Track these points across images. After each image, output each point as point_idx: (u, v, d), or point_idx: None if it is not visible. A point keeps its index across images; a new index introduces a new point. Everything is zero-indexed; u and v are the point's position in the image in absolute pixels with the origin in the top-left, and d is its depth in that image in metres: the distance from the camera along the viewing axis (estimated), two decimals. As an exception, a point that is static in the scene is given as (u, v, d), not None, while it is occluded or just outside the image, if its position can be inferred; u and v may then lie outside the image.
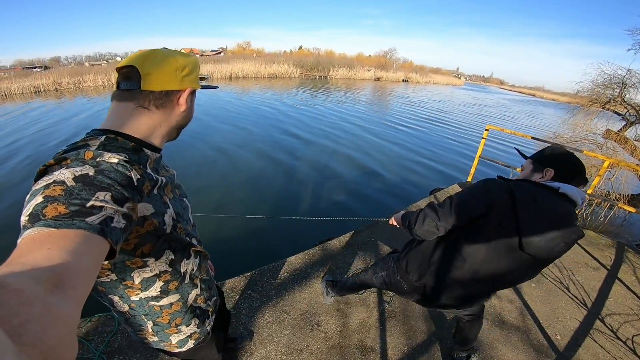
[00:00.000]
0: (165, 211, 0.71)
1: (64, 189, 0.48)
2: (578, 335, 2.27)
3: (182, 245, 0.78)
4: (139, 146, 0.69)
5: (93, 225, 0.46)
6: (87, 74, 22.71)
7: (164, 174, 0.80)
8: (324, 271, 2.60)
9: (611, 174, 7.22)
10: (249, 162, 7.08)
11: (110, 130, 0.67)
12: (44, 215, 0.44)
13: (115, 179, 0.55)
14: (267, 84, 26.84)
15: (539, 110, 34.32)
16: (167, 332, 0.85)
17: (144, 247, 0.67)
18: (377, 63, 56.66)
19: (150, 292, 0.75)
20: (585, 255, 3.35)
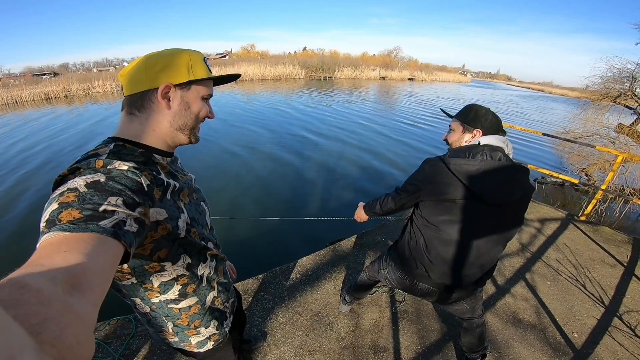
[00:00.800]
0: (179, 216, 0.72)
1: (77, 195, 0.50)
2: (596, 333, 2.22)
3: (197, 249, 0.79)
4: (147, 152, 0.70)
5: (106, 228, 0.47)
6: (96, 80, 23.21)
7: (181, 178, 0.80)
8: (335, 272, 2.60)
9: (625, 169, 7.07)
10: (260, 164, 7.11)
11: (119, 138, 0.69)
12: (59, 220, 0.46)
13: (125, 184, 0.56)
14: (273, 86, 26.99)
15: (549, 105, 33.79)
16: (187, 334, 0.87)
17: (160, 252, 0.69)
18: (382, 62, 56.58)
19: (168, 295, 0.77)
20: (601, 252, 3.29)
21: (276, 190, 5.84)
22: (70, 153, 7.94)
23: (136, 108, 0.71)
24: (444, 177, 1.21)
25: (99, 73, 30.69)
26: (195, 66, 0.73)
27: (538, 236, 3.50)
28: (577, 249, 3.31)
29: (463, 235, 1.23)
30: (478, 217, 1.21)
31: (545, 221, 3.86)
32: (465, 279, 1.33)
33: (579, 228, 3.77)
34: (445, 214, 1.24)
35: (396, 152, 8.77)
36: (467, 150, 1.22)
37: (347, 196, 5.74)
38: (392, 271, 1.53)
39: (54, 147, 8.55)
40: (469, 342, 1.72)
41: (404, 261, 1.43)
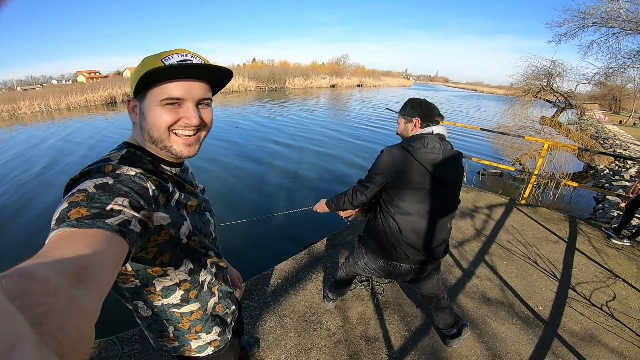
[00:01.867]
0: (182, 223, 0.74)
1: (86, 195, 0.52)
2: (557, 304, 2.48)
3: (198, 255, 0.81)
4: (154, 161, 0.72)
5: (112, 225, 0.49)
6: (22, 99, 20.78)
7: (188, 189, 0.81)
8: (314, 272, 2.67)
9: (552, 156, 8.03)
10: (223, 175, 7.00)
11: (132, 144, 0.72)
12: (68, 218, 0.48)
13: (132, 187, 0.59)
14: (223, 99, 26.37)
15: (483, 103, 37.17)
16: (187, 337, 0.88)
17: (164, 256, 0.71)
18: (332, 70, 57.91)
19: (170, 300, 0.79)
20: (544, 231, 3.71)
21: (242, 196, 5.79)
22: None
23: (132, 119, 0.74)
24: (410, 164, 1.39)
25: (24, 92, 27.61)
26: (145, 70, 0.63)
27: (488, 221, 3.87)
28: (523, 230, 3.70)
29: (430, 215, 1.44)
30: (439, 197, 1.44)
31: (493, 207, 4.27)
32: (436, 252, 1.53)
33: (521, 211, 4.21)
34: (413, 199, 1.43)
35: (355, 154, 9.10)
36: (422, 138, 1.42)
37: (310, 196, 5.87)
38: (373, 261, 1.64)
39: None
40: (444, 320, 1.88)
41: (383, 249, 1.56)
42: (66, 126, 14.46)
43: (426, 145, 1.40)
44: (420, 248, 1.49)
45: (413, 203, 1.43)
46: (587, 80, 11.34)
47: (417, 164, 1.37)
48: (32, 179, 7.34)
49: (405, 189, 1.42)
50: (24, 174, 7.71)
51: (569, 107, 12.75)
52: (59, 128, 14.10)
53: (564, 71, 11.60)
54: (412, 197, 1.42)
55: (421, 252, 1.50)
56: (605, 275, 2.91)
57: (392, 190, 1.45)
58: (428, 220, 1.45)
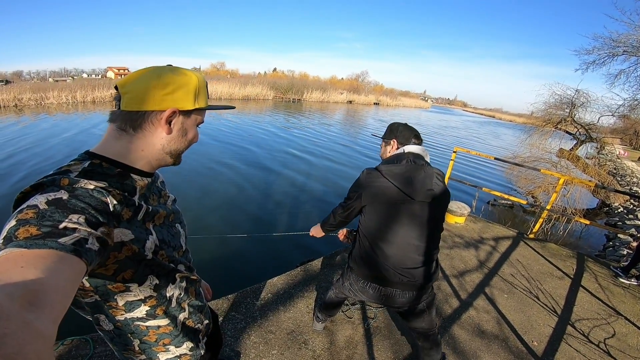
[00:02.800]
0: (147, 238, 0.69)
1: (36, 212, 0.48)
2: (553, 340, 2.40)
3: (165, 270, 0.76)
4: (125, 172, 0.68)
5: (66, 245, 0.46)
6: (51, 90, 21.80)
7: (153, 201, 0.78)
8: (307, 291, 2.61)
9: (566, 191, 7.81)
10: (231, 182, 7.03)
11: (97, 155, 0.66)
12: (16, 237, 0.44)
13: (89, 203, 0.54)
14: (241, 106, 26.90)
15: (500, 131, 36.73)
16: (154, 350, 0.83)
17: (125, 272, 0.65)
18: (350, 86, 58.52)
19: (134, 314, 0.74)
20: (550, 266, 3.59)
21: (243, 209, 5.77)
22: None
23: (132, 126, 0.67)
24: (378, 181, 1.42)
25: (55, 83, 28.94)
26: (200, 93, 0.72)
27: (493, 253, 3.75)
28: (528, 264, 3.58)
29: (402, 232, 1.42)
30: (411, 214, 1.41)
31: (499, 239, 4.15)
32: (415, 273, 1.45)
33: (528, 245, 4.09)
34: (383, 216, 1.43)
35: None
36: (395, 158, 1.47)
37: (314, 211, 5.82)
38: (355, 282, 1.60)
39: None
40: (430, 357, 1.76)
41: (361, 269, 1.55)
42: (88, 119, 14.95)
43: (396, 162, 1.45)
44: (396, 267, 1.43)
45: (385, 221, 1.43)
46: (610, 112, 11.01)
47: (385, 180, 1.40)
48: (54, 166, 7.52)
49: (375, 206, 1.44)
50: (46, 162, 7.92)
51: (589, 140, 12.42)
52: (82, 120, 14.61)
53: (587, 101, 11.31)
54: (384, 214, 1.43)
55: (398, 273, 1.44)
56: (607, 313, 2.80)
57: (366, 208, 1.48)
58: (401, 237, 1.42)
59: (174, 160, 0.77)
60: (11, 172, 7.07)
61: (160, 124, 0.68)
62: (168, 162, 0.77)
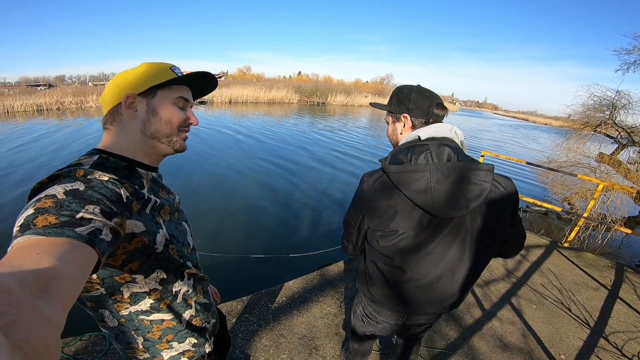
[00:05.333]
0: (157, 231, 0.71)
1: (55, 201, 0.50)
2: (583, 353, 2.24)
3: (174, 265, 0.77)
4: (131, 165, 0.72)
5: (82, 234, 0.47)
6: (91, 94, 23.07)
7: (163, 195, 0.80)
8: (322, 295, 2.57)
9: (606, 197, 7.29)
10: (252, 189, 7.11)
11: (104, 150, 0.70)
12: (34, 225, 0.45)
13: (104, 194, 0.56)
14: (266, 109, 27.38)
15: (535, 135, 35.01)
16: (158, 347, 0.83)
17: (132, 264, 0.67)
18: (374, 89, 58.04)
19: (139, 307, 0.74)
20: (585, 277, 3.35)
21: (265, 219, 5.81)
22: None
23: (109, 122, 0.74)
24: (386, 192, 0.97)
25: (94, 87, 30.79)
26: (158, 74, 0.74)
27: (523, 262, 3.55)
28: (561, 274, 3.36)
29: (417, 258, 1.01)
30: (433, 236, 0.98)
31: (530, 248, 3.93)
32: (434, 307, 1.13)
33: (562, 254, 3.84)
34: (392, 237, 1.00)
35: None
36: (407, 150, 0.97)
37: (333, 215, 5.77)
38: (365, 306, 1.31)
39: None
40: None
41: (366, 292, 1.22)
42: None
43: (410, 159, 0.94)
44: (409, 301, 1.12)
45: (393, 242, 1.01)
46: (656, 114, 10.22)
47: (403, 196, 0.94)
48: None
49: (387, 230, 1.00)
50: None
51: (631, 144, 11.54)
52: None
53: (629, 103, 10.53)
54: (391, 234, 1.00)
55: (405, 303, 1.13)
56: (645, 326, 2.58)
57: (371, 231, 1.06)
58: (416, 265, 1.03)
59: (170, 145, 0.78)
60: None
61: (126, 112, 0.73)
62: (163, 149, 0.78)
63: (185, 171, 7.70)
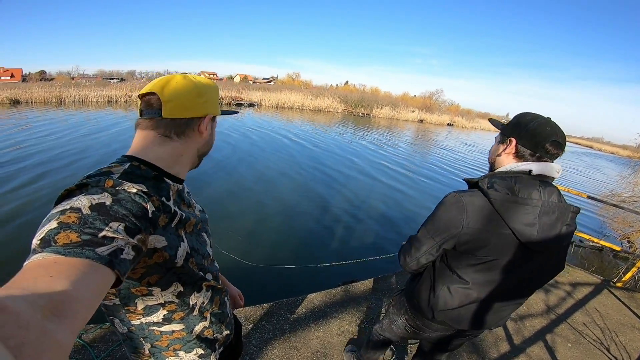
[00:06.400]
0: (179, 245, 0.70)
1: (79, 216, 0.49)
2: None
3: (193, 279, 0.76)
4: (161, 175, 0.70)
5: (102, 256, 0.46)
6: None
7: (185, 207, 0.79)
8: (343, 313, 2.54)
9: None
10: (287, 193, 7.25)
11: (136, 157, 0.68)
12: (55, 242, 0.45)
13: (130, 209, 0.55)
14: (311, 116, 27.88)
15: (597, 163, 31.82)
16: (164, 354, 0.82)
17: (151, 277, 0.66)
18: (422, 104, 56.18)
19: (152, 318, 0.74)
20: (633, 318, 3.07)
21: (300, 225, 5.86)
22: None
23: (176, 133, 0.72)
24: (490, 224, 0.96)
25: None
26: (218, 101, 0.81)
27: (567, 299, 3.30)
28: (607, 314, 3.09)
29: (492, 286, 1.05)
30: (517, 265, 1.00)
31: (577, 285, 3.63)
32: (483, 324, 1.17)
33: (613, 294, 3.53)
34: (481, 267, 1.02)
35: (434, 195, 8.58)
36: (512, 180, 0.96)
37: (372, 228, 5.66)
38: (411, 319, 1.35)
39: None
40: None
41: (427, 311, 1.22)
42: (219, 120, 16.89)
43: (516, 192, 0.94)
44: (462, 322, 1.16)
45: (478, 272, 1.04)
46: None
47: (503, 224, 0.95)
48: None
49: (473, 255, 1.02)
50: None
51: None
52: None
53: None
54: (481, 264, 1.02)
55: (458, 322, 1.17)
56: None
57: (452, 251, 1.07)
58: (491, 296, 1.06)
59: (199, 163, 0.84)
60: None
61: (200, 130, 0.75)
62: (195, 165, 0.83)
63: (230, 170, 8.07)
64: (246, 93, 34.75)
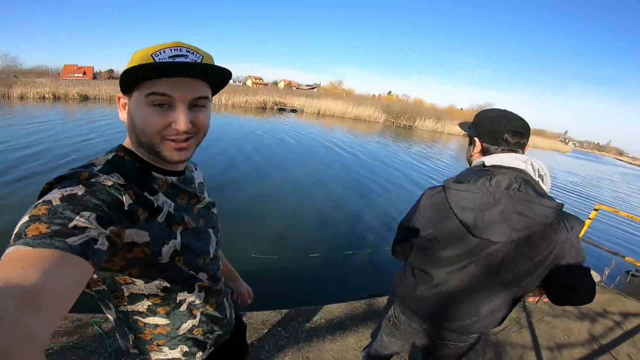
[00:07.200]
0: (167, 241, 0.66)
1: (49, 208, 0.48)
2: None
3: (181, 277, 0.73)
4: (146, 168, 0.66)
5: (73, 245, 0.45)
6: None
7: (182, 202, 0.75)
8: (362, 327, 2.46)
9: None
10: (322, 201, 7.27)
11: (125, 147, 0.67)
12: (25, 235, 0.44)
13: (104, 199, 0.53)
14: (352, 125, 27.89)
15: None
16: (147, 348, 0.80)
17: (132, 269, 0.64)
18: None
19: (136, 307, 0.72)
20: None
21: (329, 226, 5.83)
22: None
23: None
24: (439, 206, 1.06)
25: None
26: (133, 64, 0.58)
27: (614, 329, 3.01)
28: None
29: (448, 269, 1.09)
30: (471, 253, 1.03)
31: (628, 315, 3.30)
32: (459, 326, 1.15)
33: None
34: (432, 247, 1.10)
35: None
36: (472, 174, 1.01)
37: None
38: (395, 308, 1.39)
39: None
40: None
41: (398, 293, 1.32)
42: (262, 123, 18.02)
43: (472, 182, 0.98)
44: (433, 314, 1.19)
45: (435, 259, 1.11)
46: None
47: (450, 212, 1.01)
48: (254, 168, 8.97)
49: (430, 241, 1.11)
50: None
51: None
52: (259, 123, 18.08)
53: None
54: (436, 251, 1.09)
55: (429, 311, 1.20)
56: None
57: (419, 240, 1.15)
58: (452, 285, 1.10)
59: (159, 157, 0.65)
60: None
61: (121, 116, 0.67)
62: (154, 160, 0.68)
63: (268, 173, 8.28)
64: (289, 99, 35.53)
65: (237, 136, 13.73)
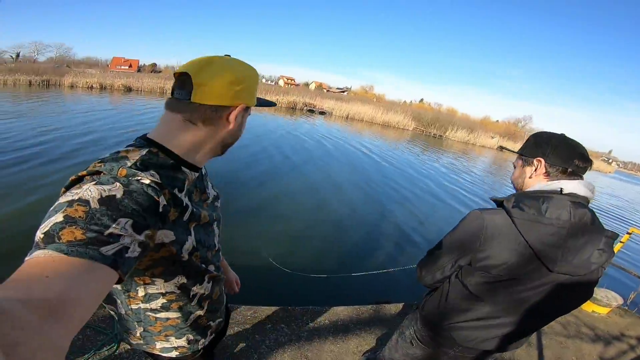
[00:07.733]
0: (186, 239, 0.68)
1: (86, 210, 0.47)
2: None
3: (196, 271, 0.76)
4: (178, 165, 0.67)
5: (107, 255, 0.45)
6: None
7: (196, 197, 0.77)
8: (366, 332, 2.46)
9: None
10: (346, 205, 7.25)
11: (155, 142, 0.66)
12: (59, 238, 0.44)
13: (141, 203, 0.53)
14: (380, 131, 27.60)
15: None
16: (154, 339, 0.83)
17: (156, 269, 0.66)
18: (505, 131, 51.30)
19: (150, 305, 0.74)
20: None
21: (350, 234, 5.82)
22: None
23: (202, 120, 0.67)
24: (510, 241, 0.92)
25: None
26: (256, 91, 0.74)
27: (628, 353, 2.92)
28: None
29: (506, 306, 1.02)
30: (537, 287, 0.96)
31: None
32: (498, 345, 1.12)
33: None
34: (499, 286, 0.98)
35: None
36: (540, 199, 0.91)
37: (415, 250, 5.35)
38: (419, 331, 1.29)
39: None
40: None
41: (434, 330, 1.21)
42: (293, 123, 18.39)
43: (543, 212, 0.89)
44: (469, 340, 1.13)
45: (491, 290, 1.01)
46: None
47: (523, 242, 0.90)
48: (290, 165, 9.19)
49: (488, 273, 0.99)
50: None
51: None
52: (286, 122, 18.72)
53: None
54: (496, 283, 0.99)
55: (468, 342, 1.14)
56: None
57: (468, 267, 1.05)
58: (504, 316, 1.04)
59: (222, 152, 0.78)
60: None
61: (229, 119, 0.70)
62: (217, 154, 0.78)
63: (293, 173, 8.42)
64: (319, 100, 35.78)
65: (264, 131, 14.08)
